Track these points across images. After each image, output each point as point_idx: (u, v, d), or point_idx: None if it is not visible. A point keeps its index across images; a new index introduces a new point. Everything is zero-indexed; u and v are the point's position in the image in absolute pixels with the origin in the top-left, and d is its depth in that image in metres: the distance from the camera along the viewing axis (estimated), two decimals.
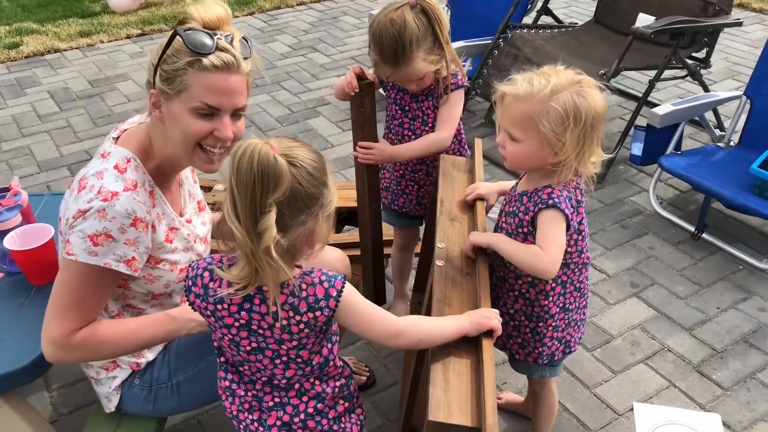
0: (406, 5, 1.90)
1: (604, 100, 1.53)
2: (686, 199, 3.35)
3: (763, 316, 2.63)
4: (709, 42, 3.63)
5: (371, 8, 6.01)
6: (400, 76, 1.96)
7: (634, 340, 2.53)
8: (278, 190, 1.19)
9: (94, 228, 1.47)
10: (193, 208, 1.83)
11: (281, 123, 4.12)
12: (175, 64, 1.48)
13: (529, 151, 1.57)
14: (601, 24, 4.09)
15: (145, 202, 1.54)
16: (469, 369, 1.38)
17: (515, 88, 1.54)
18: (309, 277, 1.31)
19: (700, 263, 2.92)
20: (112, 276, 1.54)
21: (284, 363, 1.37)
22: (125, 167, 1.54)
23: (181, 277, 1.71)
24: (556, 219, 1.57)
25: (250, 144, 1.19)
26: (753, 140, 3.21)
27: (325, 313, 1.29)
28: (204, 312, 1.36)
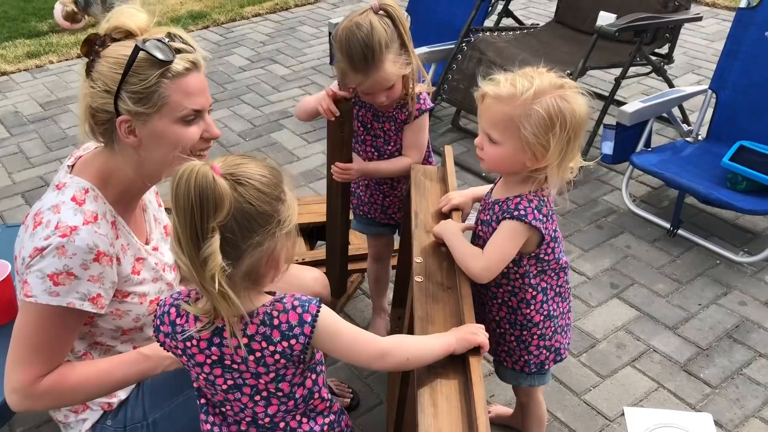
0: (369, 10, 1.85)
1: (586, 105, 1.49)
2: (658, 196, 3.34)
3: (744, 310, 2.61)
4: (671, 37, 3.64)
5: (329, 17, 5.93)
6: (371, 85, 1.88)
7: (619, 343, 2.49)
8: (219, 213, 1.10)
9: (54, 266, 1.36)
10: (159, 233, 1.73)
11: (244, 138, 4.01)
12: (145, 81, 1.39)
13: (507, 154, 1.52)
14: (562, 24, 4.08)
15: (107, 235, 1.44)
16: (457, 390, 1.30)
17: (497, 89, 1.49)
18: (281, 304, 1.22)
19: (677, 260, 2.90)
20: (77, 316, 1.43)
21: (265, 399, 1.28)
22: (83, 198, 1.44)
23: (151, 310, 1.61)
24: (513, 231, 1.54)
25: (188, 166, 1.10)
26: (720, 133, 3.22)
27: (301, 341, 1.20)
28: (175, 351, 1.27)
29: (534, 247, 1.59)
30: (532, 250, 1.60)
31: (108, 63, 1.39)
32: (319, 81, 4.71)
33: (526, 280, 1.63)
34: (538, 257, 1.61)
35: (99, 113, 1.42)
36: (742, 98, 3.15)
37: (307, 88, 4.61)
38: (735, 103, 3.18)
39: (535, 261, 1.61)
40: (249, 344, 1.20)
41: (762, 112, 3.09)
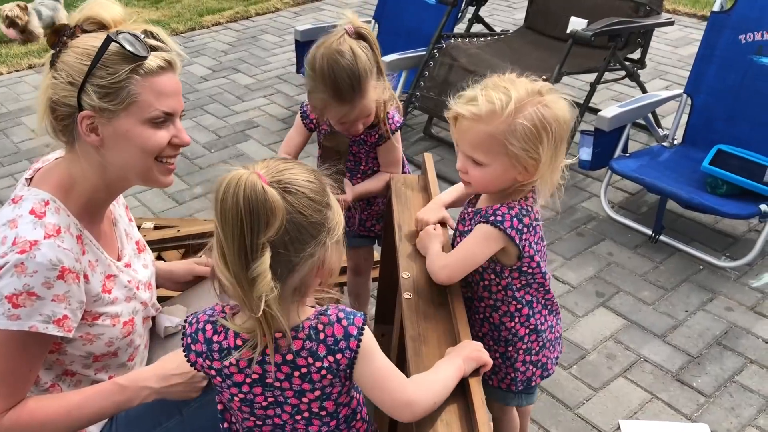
0: (344, 35, 1.73)
1: (568, 106, 1.41)
2: (637, 201, 3.30)
3: (731, 316, 2.58)
4: (643, 42, 3.63)
5: (292, 25, 5.81)
6: (356, 114, 1.79)
7: (609, 353, 2.42)
8: (271, 228, 1.00)
9: (13, 287, 1.23)
10: (132, 249, 1.60)
11: (209, 149, 3.86)
12: (114, 75, 1.28)
13: (496, 174, 1.42)
14: (532, 30, 4.04)
15: (72, 249, 1.31)
16: (458, 416, 1.22)
17: (474, 108, 1.37)
18: (325, 317, 1.13)
19: (661, 266, 2.86)
20: (41, 341, 1.30)
21: (306, 419, 1.18)
22: (43, 211, 1.31)
23: (125, 332, 1.47)
24: (485, 236, 1.44)
25: (234, 176, 1.00)
26: (696, 138, 3.20)
27: (347, 356, 1.11)
28: (208, 372, 1.16)
29: (515, 260, 1.49)
30: (513, 263, 1.50)
31: (75, 54, 1.29)
32: (285, 90, 4.59)
33: (509, 292, 1.53)
34: (521, 270, 1.51)
35: (60, 107, 1.31)
36: (717, 102, 3.14)
37: (272, 98, 4.48)
38: (710, 107, 3.16)
39: (518, 274, 1.52)
40: (294, 360, 1.11)
41: (737, 116, 3.08)
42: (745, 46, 3.06)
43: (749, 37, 3.05)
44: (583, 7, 3.78)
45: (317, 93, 1.76)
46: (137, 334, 1.53)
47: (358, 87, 1.72)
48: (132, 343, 1.52)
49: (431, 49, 3.72)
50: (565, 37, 3.75)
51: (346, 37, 1.73)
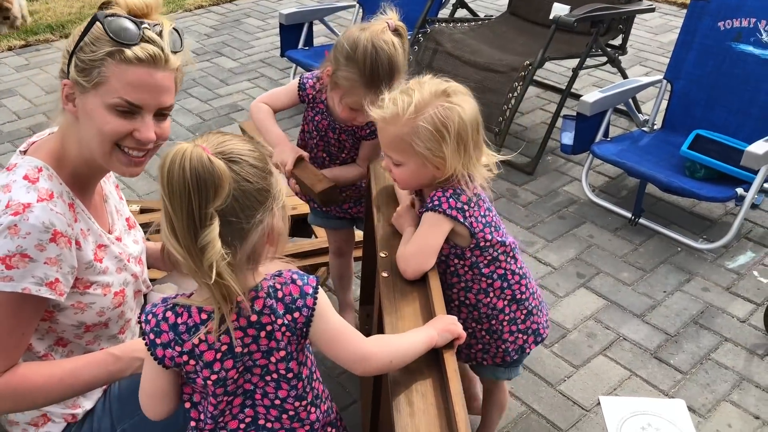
0: (386, 28, 1.77)
1: (472, 105, 1.47)
2: (617, 185, 3.37)
3: (708, 296, 2.65)
4: (624, 29, 3.68)
5: (275, 9, 5.80)
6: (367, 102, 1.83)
7: (589, 332, 2.49)
8: (219, 197, 1.02)
9: (6, 248, 1.25)
10: (122, 225, 1.62)
11: (193, 132, 3.86)
12: (93, 54, 1.30)
13: (413, 172, 1.51)
14: (516, 15, 4.07)
15: (64, 214, 1.33)
16: (432, 386, 1.25)
17: (382, 112, 1.48)
18: (281, 277, 1.17)
19: (640, 248, 2.92)
20: (34, 303, 1.31)
21: (275, 381, 1.20)
22: (36, 177, 1.33)
23: (116, 302, 1.50)
24: (431, 222, 1.51)
25: (179, 149, 1.02)
26: (675, 123, 3.27)
27: (304, 313, 1.16)
28: (179, 360, 1.16)
29: (469, 238, 1.54)
30: (470, 242, 1.54)
31: (82, 26, 1.34)
32: (269, 74, 4.59)
33: (476, 270, 1.58)
34: (479, 246, 1.55)
35: (61, 73, 1.38)
36: (696, 88, 3.21)
37: (256, 81, 4.48)
38: (689, 92, 3.23)
39: (479, 252, 1.56)
40: (259, 320, 1.14)
41: (715, 102, 3.15)
42: (724, 33, 3.12)
43: (728, 24, 3.11)
44: None
45: (348, 72, 1.77)
46: (128, 306, 1.56)
47: (390, 78, 1.75)
48: (123, 315, 1.54)
49: (416, 33, 3.74)
50: (548, 22, 3.80)
51: (388, 31, 1.76)
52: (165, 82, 1.36)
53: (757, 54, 3.04)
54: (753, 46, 3.05)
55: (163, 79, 1.35)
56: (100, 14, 1.30)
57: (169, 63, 1.35)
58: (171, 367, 1.18)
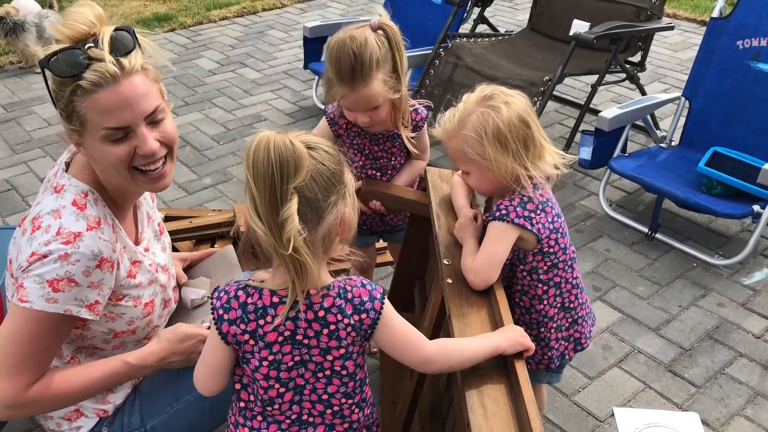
0: (367, 26, 1.82)
1: (515, 105, 1.52)
2: (634, 200, 3.40)
3: (723, 312, 2.67)
4: (644, 46, 3.72)
5: (297, 21, 5.90)
6: (354, 100, 1.85)
7: (605, 344, 2.52)
8: (299, 175, 1.12)
9: (55, 272, 1.31)
10: (152, 231, 1.68)
11: (218, 141, 3.94)
12: (63, 100, 1.32)
13: (479, 178, 1.60)
14: (536, 31, 4.13)
15: (110, 240, 1.39)
16: (504, 393, 1.31)
17: (439, 132, 1.61)
18: (352, 281, 1.26)
19: (656, 263, 2.95)
20: (71, 322, 1.39)
21: (327, 377, 1.27)
22: (84, 203, 1.38)
23: (146, 312, 1.56)
24: (497, 231, 1.57)
25: (264, 135, 1.13)
26: (693, 139, 3.30)
27: (371, 316, 1.24)
28: (241, 338, 1.23)
29: (535, 243, 1.60)
30: (534, 246, 1.61)
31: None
32: (292, 85, 4.67)
33: (535, 276, 1.64)
34: (542, 252, 1.62)
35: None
36: (714, 105, 3.24)
37: (279, 92, 4.56)
38: (707, 110, 3.26)
39: (541, 256, 1.62)
40: (325, 316, 1.22)
41: (733, 120, 3.18)
42: (743, 51, 3.16)
43: (747, 43, 3.15)
44: (586, 10, 3.87)
45: (326, 72, 1.86)
46: (156, 315, 1.62)
47: (360, 72, 1.77)
48: (150, 323, 1.61)
49: (437, 48, 3.81)
50: (567, 39, 3.84)
51: (367, 28, 1.81)
52: (135, 90, 1.33)
53: None
54: None
55: (131, 89, 1.32)
56: (42, 61, 1.29)
57: (126, 69, 1.31)
58: (231, 344, 1.25)
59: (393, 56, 1.84)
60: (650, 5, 3.65)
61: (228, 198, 3.40)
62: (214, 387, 1.32)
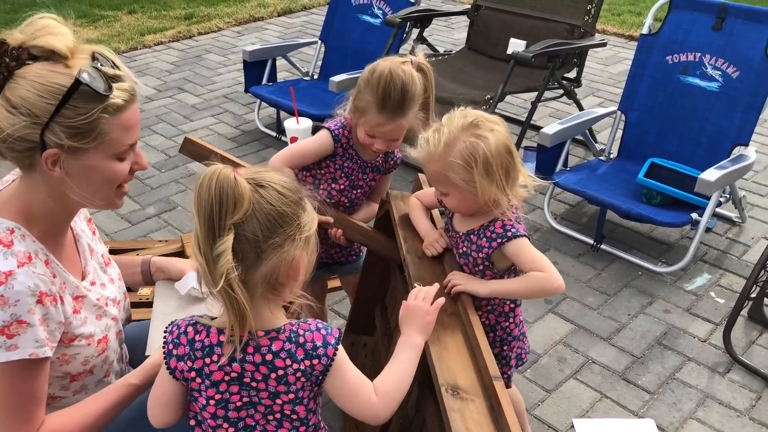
0: (409, 62, 1.88)
1: (499, 134, 1.55)
2: (577, 213, 3.49)
3: (669, 318, 2.76)
4: (579, 62, 3.84)
5: (235, 45, 5.85)
6: (389, 130, 1.90)
7: (560, 357, 2.57)
8: (237, 211, 1.11)
9: (1, 319, 1.24)
10: (97, 264, 1.61)
11: (159, 169, 3.86)
12: (85, 116, 1.26)
13: (459, 200, 1.62)
14: (474, 50, 4.21)
15: (45, 274, 1.33)
16: (486, 416, 1.30)
17: (420, 152, 1.61)
18: (306, 324, 1.23)
19: (603, 273, 3.03)
20: (41, 364, 1.32)
21: (277, 420, 1.24)
22: (10, 240, 1.30)
23: (99, 350, 1.50)
24: (526, 244, 1.61)
25: (211, 170, 1.12)
26: (630, 151, 3.42)
27: (323, 362, 1.20)
28: (188, 375, 1.21)
29: (511, 262, 1.63)
30: (510, 265, 1.64)
31: (34, 89, 1.23)
32: (233, 109, 4.62)
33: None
34: (514, 270, 1.65)
35: (16, 141, 1.26)
36: (648, 118, 3.37)
37: (220, 117, 4.51)
38: (642, 122, 3.39)
39: (513, 275, 1.65)
40: (272, 360, 1.19)
41: (667, 131, 3.31)
42: (672, 66, 3.30)
43: (675, 58, 3.29)
44: (522, 28, 3.98)
45: (366, 95, 1.86)
46: (112, 350, 1.56)
47: (404, 105, 1.84)
48: (107, 359, 1.55)
49: None
50: (505, 57, 3.95)
51: (410, 65, 1.87)
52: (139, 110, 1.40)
53: (703, 86, 3.22)
54: (699, 79, 3.23)
55: (138, 107, 1.38)
56: (80, 76, 1.24)
57: (137, 91, 1.36)
58: (179, 379, 1.23)
59: (426, 94, 1.91)
60: (583, 23, 3.78)
61: (173, 227, 3.33)
62: (164, 419, 1.30)
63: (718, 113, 3.15)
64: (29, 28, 1.26)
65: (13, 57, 1.23)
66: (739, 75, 3.10)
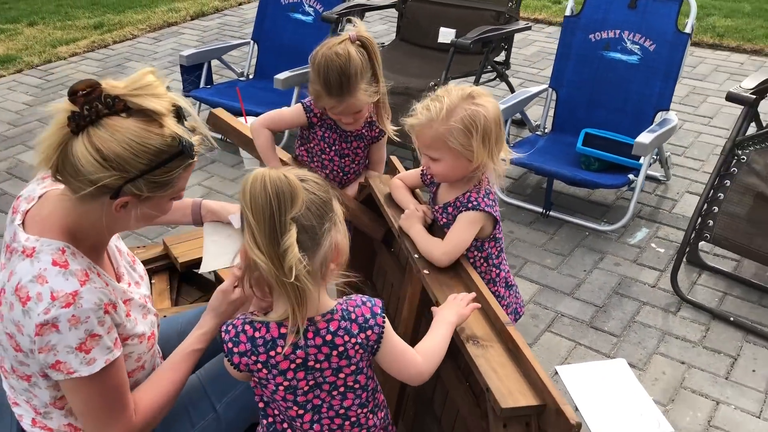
0: (347, 39, 1.97)
1: (494, 105, 1.74)
2: (522, 185, 3.76)
3: (620, 270, 3.07)
4: (507, 46, 4.10)
5: (155, 51, 5.80)
6: (342, 109, 2.02)
7: (532, 314, 2.81)
8: (296, 206, 1.20)
9: (77, 337, 1.31)
10: (126, 263, 1.68)
11: None
12: (170, 174, 1.34)
13: (449, 166, 1.75)
14: (405, 41, 4.40)
15: (102, 286, 1.40)
16: (507, 357, 1.48)
17: (418, 119, 1.73)
18: (352, 301, 1.35)
19: (555, 236, 3.31)
20: (117, 363, 1.41)
21: (341, 394, 1.36)
22: (65, 260, 1.35)
23: (150, 345, 1.59)
24: (470, 220, 1.76)
25: (258, 172, 1.21)
26: (563, 125, 3.72)
27: (376, 331, 1.33)
28: (254, 367, 1.31)
29: (491, 230, 1.82)
30: (490, 233, 1.82)
31: (129, 147, 1.26)
32: None
33: (490, 261, 1.85)
34: (495, 238, 1.85)
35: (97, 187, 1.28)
36: (577, 93, 3.67)
37: None
38: (572, 98, 3.69)
39: (494, 243, 1.85)
40: (333, 340, 1.30)
41: (596, 103, 3.63)
42: (595, 43, 3.61)
43: (597, 36, 3.60)
44: (450, 18, 4.20)
45: (313, 84, 2.01)
46: (157, 344, 1.66)
47: (347, 85, 1.96)
48: (154, 354, 1.63)
49: None
50: (436, 45, 4.17)
51: (348, 42, 1.97)
52: None
53: (624, 60, 3.55)
54: (620, 53, 3.56)
55: None
56: (185, 146, 1.31)
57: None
58: (245, 371, 1.33)
59: (372, 64, 2.01)
60: (507, 9, 4.05)
61: (139, 234, 3.34)
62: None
63: (640, 83, 3.49)
64: (132, 82, 1.28)
65: (107, 104, 1.24)
66: (656, 47, 3.44)
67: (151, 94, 1.28)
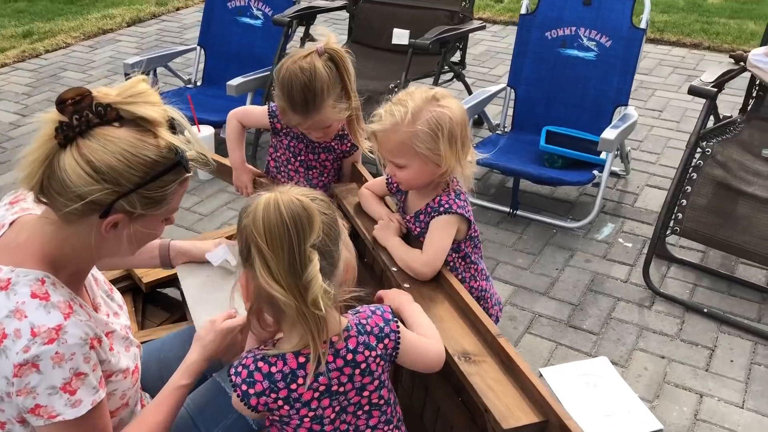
0: (314, 52, 1.86)
1: (459, 106, 1.70)
2: (485, 185, 3.73)
3: (591, 266, 3.07)
4: (462, 46, 4.07)
5: (91, 59, 5.55)
6: (309, 125, 1.92)
7: (510, 316, 2.77)
8: (314, 232, 1.13)
9: (61, 376, 1.19)
10: (102, 293, 1.56)
11: None
12: (165, 189, 1.23)
13: (416, 172, 1.69)
14: (358, 43, 4.32)
15: (86, 319, 1.29)
16: (500, 371, 1.43)
17: (382, 124, 1.66)
18: (362, 313, 1.29)
19: (523, 236, 3.29)
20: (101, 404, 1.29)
21: (366, 413, 1.29)
22: (45, 291, 1.22)
23: (134, 380, 1.48)
24: (445, 224, 1.72)
25: (266, 198, 1.13)
26: (523, 123, 3.71)
27: (392, 338, 1.28)
28: (273, 405, 1.22)
29: (466, 231, 1.78)
30: (466, 234, 1.78)
31: (123, 158, 1.16)
32: None
33: (467, 260, 1.82)
34: (471, 237, 1.81)
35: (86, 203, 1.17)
36: (536, 91, 3.67)
37: None
38: (530, 96, 3.68)
39: (470, 242, 1.81)
40: (354, 358, 1.23)
41: (555, 101, 3.63)
42: (552, 41, 3.62)
43: (553, 33, 3.61)
44: (403, 18, 4.15)
45: (278, 100, 1.90)
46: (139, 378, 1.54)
47: (312, 102, 1.84)
48: (138, 389, 1.52)
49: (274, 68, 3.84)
50: (390, 47, 4.11)
51: (314, 55, 1.85)
52: None
53: (581, 56, 3.56)
54: (577, 50, 3.57)
55: None
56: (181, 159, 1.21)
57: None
58: (263, 411, 1.24)
59: (342, 79, 1.89)
60: (461, 8, 4.02)
61: None
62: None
63: (598, 79, 3.50)
64: (124, 90, 1.18)
65: (98, 113, 1.15)
66: (612, 43, 3.47)
67: (146, 102, 1.18)
